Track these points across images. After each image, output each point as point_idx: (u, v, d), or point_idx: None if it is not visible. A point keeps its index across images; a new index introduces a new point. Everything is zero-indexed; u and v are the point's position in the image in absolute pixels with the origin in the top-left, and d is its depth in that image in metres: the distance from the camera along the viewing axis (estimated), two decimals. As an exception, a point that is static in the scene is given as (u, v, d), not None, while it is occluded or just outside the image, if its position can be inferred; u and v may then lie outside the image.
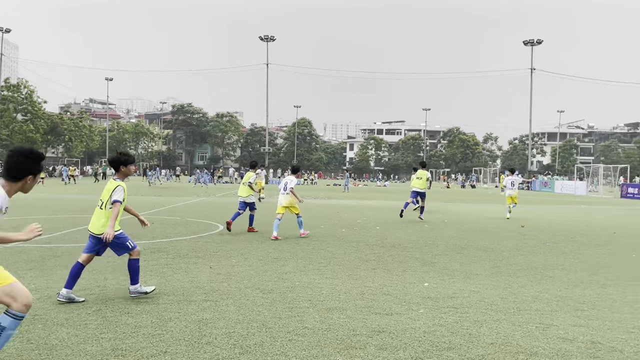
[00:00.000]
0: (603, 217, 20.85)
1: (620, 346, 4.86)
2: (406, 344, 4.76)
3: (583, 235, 13.80)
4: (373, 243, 11.45)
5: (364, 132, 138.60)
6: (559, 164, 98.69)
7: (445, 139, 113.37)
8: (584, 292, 7.09)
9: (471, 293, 6.84)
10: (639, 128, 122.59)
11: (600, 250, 11.25)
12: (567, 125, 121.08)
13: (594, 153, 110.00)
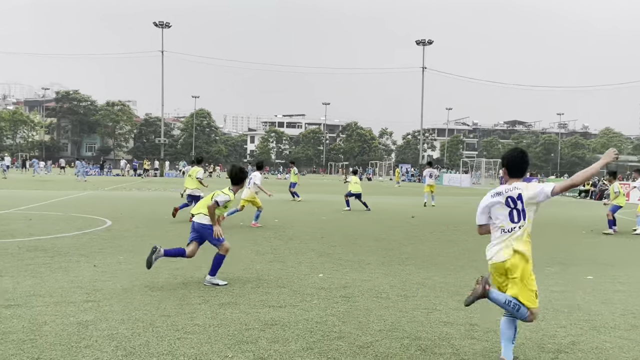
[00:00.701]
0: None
1: (494, 327, 5.25)
2: (298, 335, 4.77)
3: (466, 224, 14.82)
4: (271, 236, 11.42)
5: (265, 124, 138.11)
6: (447, 158, 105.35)
7: (344, 133, 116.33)
8: (464, 278, 7.59)
9: (363, 282, 7.04)
10: (517, 126, 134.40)
11: (481, 238, 12.12)
12: (455, 122, 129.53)
13: (477, 148, 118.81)
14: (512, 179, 4.50)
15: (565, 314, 5.79)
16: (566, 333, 5.12)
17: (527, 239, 4.30)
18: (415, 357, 4.33)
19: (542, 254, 9.85)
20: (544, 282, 7.41)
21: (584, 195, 33.94)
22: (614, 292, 6.91)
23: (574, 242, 11.93)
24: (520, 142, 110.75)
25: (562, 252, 10.19)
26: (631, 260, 9.56)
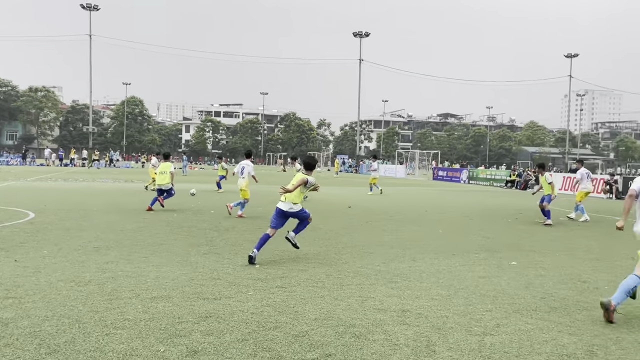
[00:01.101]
0: (418, 197, 23.25)
1: (425, 312, 5.44)
2: (233, 327, 4.73)
3: (400, 214, 15.23)
4: (206, 227, 11.21)
5: (201, 113, 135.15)
6: (383, 149, 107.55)
7: (282, 124, 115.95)
8: (398, 266, 7.79)
9: (299, 272, 7.07)
10: (449, 118, 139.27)
11: (414, 227, 12.52)
12: (391, 114, 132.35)
13: (412, 140, 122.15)
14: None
15: (491, 298, 6.08)
16: (492, 316, 5.37)
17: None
18: (349, 344, 4.41)
19: (470, 241, 10.30)
20: (472, 269, 7.75)
21: (510, 185, 35.73)
22: (536, 277, 7.33)
23: (500, 229, 12.54)
24: (452, 135, 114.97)
25: (488, 240, 10.68)
26: (553, 246, 10.17)
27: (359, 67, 67.13)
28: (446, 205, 19.33)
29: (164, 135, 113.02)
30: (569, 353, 4.39)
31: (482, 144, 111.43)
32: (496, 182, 37.97)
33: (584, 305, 5.89)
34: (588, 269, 8.02)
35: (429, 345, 4.46)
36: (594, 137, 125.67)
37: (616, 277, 7.44)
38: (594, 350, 4.48)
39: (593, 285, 6.94)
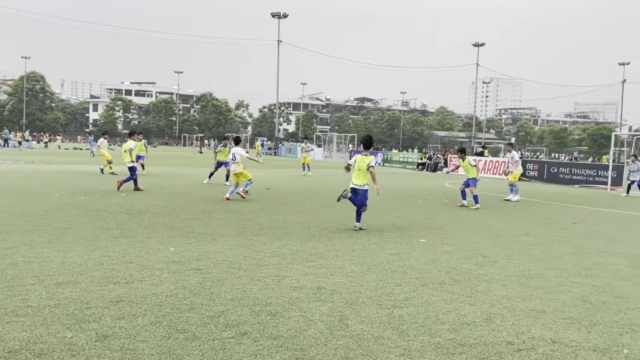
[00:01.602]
0: (335, 180, 23.68)
1: (339, 288, 5.63)
2: (146, 310, 4.63)
3: (318, 195, 15.47)
4: (117, 210, 10.76)
5: (110, 91, 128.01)
6: (302, 132, 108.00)
7: (199, 104, 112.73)
8: (315, 245, 7.96)
9: (216, 254, 7.02)
10: (365, 102, 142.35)
11: (331, 208, 12.77)
12: (309, 97, 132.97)
13: (330, 123, 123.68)
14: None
15: (401, 273, 6.40)
16: (401, 290, 5.67)
17: None
18: (265, 322, 4.47)
19: (384, 221, 10.72)
20: (384, 246, 8.08)
21: (421, 167, 37.35)
22: (442, 253, 7.80)
23: (411, 209, 13.13)
24: (368, 118, 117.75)
25: (400, 219, 11.17)
26: (458, 225, 10.82)
27: (277, 48, 66.65)
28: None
29: (69, 114, 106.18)
30: (469, 321, 4.75)
31: (397, 128, 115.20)
32: (409, 165, 39.55)
33: (484, 278, 6.36)
34: (489, 244, 8.64)
35: (342, 320, 4.63)
36: (497, 123, 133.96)
37: (512, 251, 8.11)
38: (491, 318, 4.87)
39: (492, 259, 7.49)
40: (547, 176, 26.83)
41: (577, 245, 8.80)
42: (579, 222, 11.88)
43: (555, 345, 4.26)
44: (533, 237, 9.56)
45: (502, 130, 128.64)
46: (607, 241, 9.38)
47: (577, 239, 9.52)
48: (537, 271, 6.83)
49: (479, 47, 70.55)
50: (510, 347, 4.17)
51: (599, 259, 7.75)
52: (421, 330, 4.47)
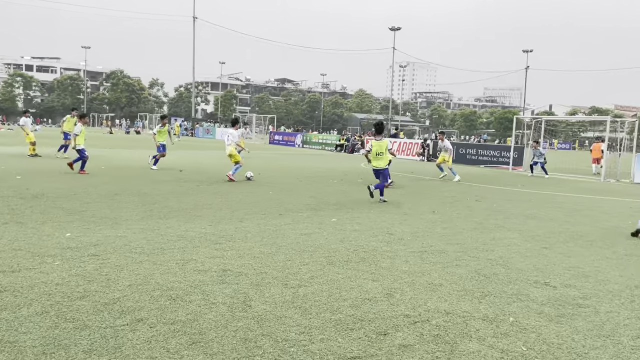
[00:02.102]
0: (253, 161, 23.43)
1: (246, 270, 5.57)
2: (32, 299, 4.31)
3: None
4: (9, 194, 9.95)
5: (9, 67, 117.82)
6: (220, 112, 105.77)
7: (109, 82, 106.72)
8: (225, 227, 7.82)
9: (117, 238, 6.69)
10: (286, 83, 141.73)
11: (246, 189, 12.63)
12: (228, 77, 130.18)
13: (250, 104, 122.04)
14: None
15: (309, 253, 6.44)
16: (308, 269, 5.70)
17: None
18: (164, 307, 4.32)
19: (298, 202, 10.75)
20: (296, 227, 8.11)
21: (339, 149, 37.90)
22: (351, 232, 7.95)
23: (326, 190, 13.27)
24: (289, 100, 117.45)
25: (314, 199, 11.26)
26: (369, 204, 11.08)
27: (193, 25, 64.36)
28: (279, 168, 19.84)
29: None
30: (370, 297, 4.87)
31: (317, 110, 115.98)
32: (327, 146, 39.99)
33: (389, 255, 6.56)
34: (396, 222, 8.93)
35: (245, 301, 4.58)
36: (413, 106, 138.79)
37: (418, 229, 8.44)
38: (392, 293, 5.03)
39: (399, 237, 7.75)
40: (456, 157, 28.17)
41: (477, 222, 9.32)
42: (481, 199, 12.59)
43: (448, 316, 4.48)
44: (438, 214, 10.00)
45: (418, 113, 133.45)
46: (505, 217, 10.02)
47: (478, 215, 10.08)
48: (439, 247, 7.15)
49: (395, 31, 72.22)
50: (407, 320, 4.33)
51: (496, 234, 8.25)
52: (324, 307, 4.52)
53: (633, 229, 9.04)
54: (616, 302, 5.02)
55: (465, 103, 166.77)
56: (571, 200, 13.24)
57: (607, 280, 5.81)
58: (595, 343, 4.02)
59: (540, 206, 11.81)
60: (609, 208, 12.03)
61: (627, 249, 7.49)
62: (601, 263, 6.60)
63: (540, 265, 6.34)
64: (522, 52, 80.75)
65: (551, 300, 5.02)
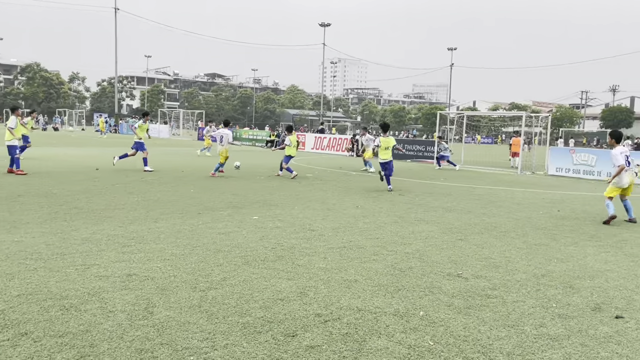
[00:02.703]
0: (179, 158, 22.69)
1: (153, 274, 5.25)
2: None
3: (153, 175, 14.59)
4: None
5: None
6: (147, 107, 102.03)
7: (24, 76, 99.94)
8: (137, 228, 7.40)
9: (12, 244, 6.14)
10: (216, 78, 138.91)
11: (166, 187, 12.12)
12: (155, 71, 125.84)
13: (179, 99, 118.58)
14: (618, 145, 9.68)
15: (225, 253, 6.21)
16: (220, 271, 5.47)
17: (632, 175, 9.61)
18: (54, 318, 3.96)
19: (220, 199, 10.43)
20: (214, 226, 7.82)
21: (270, 145, 37.57)
22: (272, 229, 7.77)
23: (251, 187, 13.00)
24: (220, 95, 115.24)
25: (237, 197, 10.98)
26: (293, 200, 10.94)
27: (115, 16, 61.45)
28: (204, 165, 19.29)
29: None
30: (283, 297, 4.73)
31: (249, 105, 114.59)
32: (258, 142, 39.53)
33: (308, 252, 6.44)
34: (319, 218, 8.85)
35: (147, 308, 4.29)
36: (344, 102, 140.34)
37: (340, 224, 8.39)
38: (306, 292, 4.91)
39: (319, 233, 7.66)
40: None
41: (398, 216, 9.43)
42: (404, 193, 12.81)
43: (360, 313, 4.41)
44: (361, 209, 10.04)
45: (349, 109, 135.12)
46: (425, 210, 10.21)
47: (399, 209, 10.21)
48: (358, 242, 7.13)
49: (325, 27, 72.59)
50: (318, 319, 4.22)
51: (415, 228, 8.37)
52: (232, 311, 4.32)
53: (546, 219, 9.50)
54: (522, 292, 5.18)
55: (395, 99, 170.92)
56: (488, 193, 13.77)
57: (516, 269, 6.00)
58: (500, 333, 4.09)
59: (459, 199, 12.17)
60: (522, 199, 12.60)
61: (537, 239, 7.81)
62: (512, 253, 6.82)
63: (454, 257, 6.46)
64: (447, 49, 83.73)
65: (462, 292, 5.09)
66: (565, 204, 11.91)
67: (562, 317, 4.49)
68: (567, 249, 7.17)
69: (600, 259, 6.66)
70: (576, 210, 10.93)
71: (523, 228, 8.67)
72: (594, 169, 19.32)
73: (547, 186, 16.38)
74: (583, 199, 12.99)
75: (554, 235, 8.15)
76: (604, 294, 5.20)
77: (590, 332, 4.17)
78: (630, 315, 4.61)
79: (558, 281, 5.58)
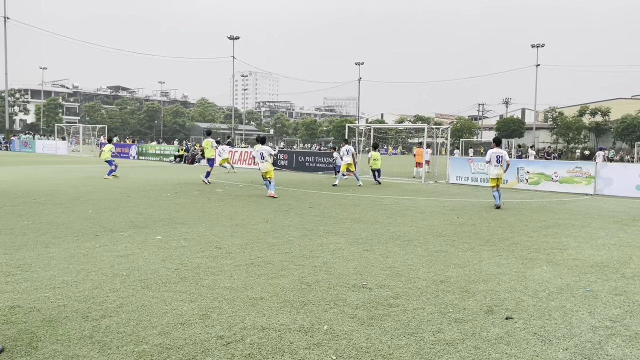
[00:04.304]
0: (77, 176, 21.32)
1: (40, 305, 4.84)
2: None
3: (47, 196, 13.59)
4: None
5: None
6: (44, 122, 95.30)
7: None
8: (26, 255, 6.82)
9: None
10: (120, 91, 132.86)
11: (61, 208, 11.31)
12: (52, 84, 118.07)
13: (79, 113, 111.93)
14: (497, 147, 13.81)
15: (123, 277, 5.87)
16: (117, 296, 5.16)
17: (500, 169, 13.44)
18: None
19: (121, 219, 9.90)
20: (113, 248, 7.39)
21: (178, 159, 36.47)
22: (177, 249, 7.49)
23: (156, 204, 12.48)
24: (124, 108, 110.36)
25: (140, 216, 10.49)
26: (199, 217, 10.64)
27: (4, 25, 57.02)
28: (105, 183, 18.28)
29: None
30: (183, 321, 4.54)
31: (157, 119, 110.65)
32: (165, 157, 38.23)
33: (213, 271, 6.27)
34: (227, 235, 8.67)
35: (31, 343, 3.94)
36: (257, 115, 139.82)
37: (249, 240, 8.27)
38: (208, 313, 4.75)
39: (227, 250, 7.50)
40: (295, 165, 28.88)
41: (307, 229, 9.47)
42: (314, 206, 12.92)
43: (264, 331, 4.34)
44: (271, 224, 9.97)
45: (262, 122, 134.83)
46: (334, 222, 10.35)
47: (309, 222, 10.26)
48: (266, 258, 7.05)
49: (234, 40, 72.15)
50: (220, 342, 4.09)
51: (324, 240, 8.44)
52: (127, 339, 4.08)
53: (445, 226, 9.98)
54: (422, 299, 5.37)
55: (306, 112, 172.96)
56: (394, 202, 14.26)
57: (417, 277, 6.22)
58: (400, 342, 4.20)
59: (366, 209, 12.49)
60: (425, 207, 13.18)
61: (437, 246, 8.18)
62: (414, 261, 7.08)
63: (360, 268, 6.58)
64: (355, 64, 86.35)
65: (365, 302, 5.18)
66: (463, 211, 12.61)
67: (458, 322, 4.70)
68: (464, 255, 7.57)
69: (493, 263, 7.09)
70: (473, 217, 11.60)
71: (425, 236, 9.04)
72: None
73: (448, 194, 17.28)
74: (480, 206, 13.84)
75: (453, 241, 8.58)
76: (496, 296, 5.53)
77: (483, 335, 4.40)
78: (518, 315, 4.93)
79: (455, 286, 5.85)
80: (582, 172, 18.40)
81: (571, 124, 77.86)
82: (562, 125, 78.60)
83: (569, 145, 78.26)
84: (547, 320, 4.81)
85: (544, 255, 7.69)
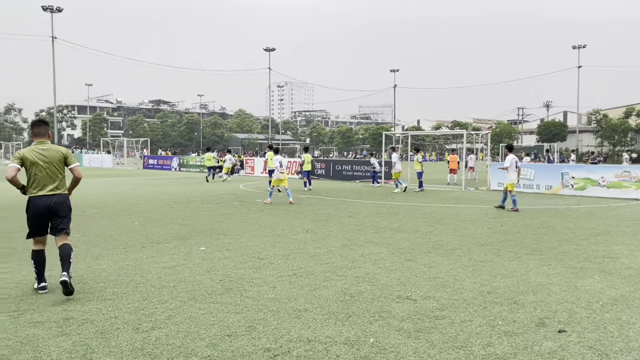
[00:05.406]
0: (122, 189, 21.96)
1: (92, 316, 4.99)
2: None
3: (95, 208, 14.04)
4: None
5: None
6: (90, 137, 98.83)
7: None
8: (76, 267, 7.04)
9: None
10: (161, 105, 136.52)
11: (107, 221, 11.66)
12: (97, 99, 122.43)
13: (123, 127, 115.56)
14: (510, 153, 14.48)
15: (170, 289, 5.99)
16: (165, 308, 5.26)
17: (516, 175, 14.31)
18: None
19: (165, 231, 10.12)
20: (159, 260, 7.56)
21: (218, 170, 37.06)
22: (220, 260, 7.59)
23: (198, 216, 12.71)
24: (165, 121, 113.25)
25: (184, 227, 10.70)
26: (243, 228, 10.77)
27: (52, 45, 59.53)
28: (150, 195, 18.76)
29: None
30: (230, 333, 4.59)
31: (196, 131, 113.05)
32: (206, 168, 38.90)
33: (257, 282, 6.32)
34: (268, 245, 8.73)
35: (85, 354, 4.06)
36: (293, 124, 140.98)
37: (290, 250, 8.30)
38: (254, 325, 4.79)
39: (269, 261, 7.55)
40: (333, 174, 28.89)
41: (348, 239, 9.44)
42: (353, 215, 12.88)
43: (310, 344, 4.33)
44: (311, 234, 9.99)
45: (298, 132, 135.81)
46: (374, 232, 10.28)
47: (349, 232, 10.23)
48: (308, 268, 7.06)
49: (269, 51, 73.07)
50: (267, 355, 4.11)
51: (365, 250, 8.39)
52: (177, 352, 4.15)
53: (489, 235, 9.77)
54: (470, 311, 5.25)
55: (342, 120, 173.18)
56: (434, 210, 14.06)
57: (463, 288, 6.10)
58: (449, 356, 4.11)
59: (406, 218, 12.35)
60: (467, 216, 12.93)
61: (482, 255, 8.00)
62: (458, 271, 6.94)
63: (403, 279, 6.50)
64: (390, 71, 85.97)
65: (411, 314, 5.11)
66: (507, 219, 12.31)
67: (508, 335, 4.57)
68: (510, 264, 7.38)
69: (541, 273, 6.88)
70: (518, 225, 11.31)
71: (468, 245, 8.87)
72: (533, 183, 20.13)
73: (490, 201, 16.91)
74: (524, 213, 13.48)
75: (498, 250, 8.38)
76: (547, 308, 5.36)
77: (535, 349, 4.27)
78: (572, 328, 4.76)
79: (503, 297, 5.71)
80: (630, 176, 17.69)
81: (617, 126, 75.14)
82: (607, 127, 75.95)
83: (614, 149, 75.48)
84: (603, 333, 4.63)
85: (595, 264, 7.41)
